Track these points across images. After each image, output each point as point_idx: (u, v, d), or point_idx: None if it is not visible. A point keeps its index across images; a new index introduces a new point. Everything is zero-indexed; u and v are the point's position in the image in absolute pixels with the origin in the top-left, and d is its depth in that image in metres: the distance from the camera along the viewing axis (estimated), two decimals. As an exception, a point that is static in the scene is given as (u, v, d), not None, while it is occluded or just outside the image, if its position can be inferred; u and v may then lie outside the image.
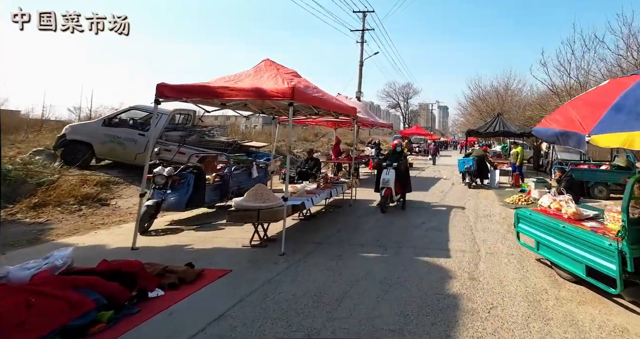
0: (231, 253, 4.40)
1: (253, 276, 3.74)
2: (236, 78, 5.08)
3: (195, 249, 4.47)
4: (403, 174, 7.23)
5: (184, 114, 8.77)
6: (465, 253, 4.79)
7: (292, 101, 4.73)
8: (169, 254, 4.23)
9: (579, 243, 3.69)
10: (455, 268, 4.23)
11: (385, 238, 5.36)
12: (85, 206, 5.97)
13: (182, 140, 7.24)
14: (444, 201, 8.71)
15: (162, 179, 5.09)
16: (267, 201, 4.75)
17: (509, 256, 4.71)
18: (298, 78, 5.98)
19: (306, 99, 5.16)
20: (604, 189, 8.89)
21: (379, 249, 4.87)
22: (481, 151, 11.87)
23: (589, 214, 4.22)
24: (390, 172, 6.80)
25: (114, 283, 2.68)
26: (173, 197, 5.28)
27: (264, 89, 4.71)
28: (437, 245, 5.13)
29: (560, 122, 3.28)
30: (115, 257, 3.91)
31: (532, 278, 4.00)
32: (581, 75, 17.32)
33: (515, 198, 8.50)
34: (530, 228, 4.49)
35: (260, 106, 6.04)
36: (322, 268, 4.06)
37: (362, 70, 19.79)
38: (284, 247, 4.45)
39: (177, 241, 4.75)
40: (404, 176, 7.27)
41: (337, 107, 6.52)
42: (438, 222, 6.52)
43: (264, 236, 4.83)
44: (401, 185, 7.25)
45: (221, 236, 5.04)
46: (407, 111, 61.36)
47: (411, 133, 29.27)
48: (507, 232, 5.93)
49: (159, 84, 4.48)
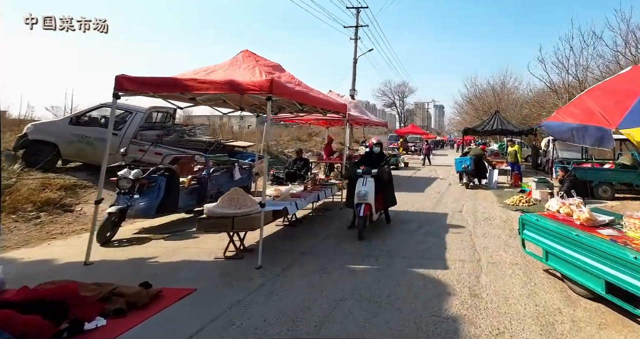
0: (201, 267, 3.88)
1: (221, 296, 3.22)
2: (209, 70, 4.56)
3: (159, 263, 3.93)
4: (385, 184, 5.54)
5: (163, 112, 8.21)
6: (465, 263, 4.31)
7: (270, 94, 4.21)
8: (128, 270, 3.69)
9: (597, 255, 3.20)
10: (454, 282, 3.74)
11: (375, 246, 4.86)
12: (45, 213, 5.39)
13: (159, 139, 6.69)
14: (441, 202, 8.24)
15: (127, 183, 4.54)
16: (244, 206, 4.23)
17: (514, 267, 4.23)
18: (280, 72, 5.47)
19: (287, 93, 4.64)
20: (608, 189, 8.47)
21: (368, 259, 4.37)
22: (479, 149, 11.43)
23: (604, 220, 3.74)
24: (368, 182, 5.13)
25: (34, 316, 2.15)
26: (142, 203, 4.74)
27: (239, 81, 4.19)
28: (433, 254, 4.64)
29: (576, 116, 2.80)
30: (64, 273, 3.39)
31: (541, 294, 3.51)
32: (580, 72, 16.99)
33: (515, 199, 8.05)
34: (537, 236, 4.00)
35: (239, 101, 5.51)
36: (303, 284, 3.55)
37: (356, 68, 19.30)
38: (261, 259, 3.94)
39: (141, 253, 4.21)
40: (386, 186, 5.57)
41: (324, 104, 6.01)
42: (434, 226, 6.04)
43: (240, 246, 4.31)
44: (383, 197, 5.54)
45: (193, 246, 4.51)
46: (403, 109, 61.03)
47: (407, 132, 28.85)
48: (509, 237, 5.46)
49: (119, 76, 3.94)
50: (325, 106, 6.33)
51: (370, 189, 5.09)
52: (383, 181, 5.44)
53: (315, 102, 5.80)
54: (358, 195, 5.05)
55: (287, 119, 9.29)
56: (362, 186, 5.10)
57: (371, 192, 5.08)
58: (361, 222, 5.04)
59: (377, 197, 5.26)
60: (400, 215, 6.82)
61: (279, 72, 5.37)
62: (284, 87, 4.59)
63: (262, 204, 4.05)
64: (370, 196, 5.05)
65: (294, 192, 5.61)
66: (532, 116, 20.10)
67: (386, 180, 5.57)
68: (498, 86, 29.34)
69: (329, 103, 6.39)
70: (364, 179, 5.17)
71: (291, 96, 4.83)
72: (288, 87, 4.78)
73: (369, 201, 5.03)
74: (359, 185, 5.13)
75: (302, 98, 5.15)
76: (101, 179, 3.99)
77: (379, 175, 5.28)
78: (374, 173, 5.24)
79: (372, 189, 5.11)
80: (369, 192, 5.05)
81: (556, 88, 17.78)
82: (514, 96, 28.28)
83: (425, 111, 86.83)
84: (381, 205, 5.60)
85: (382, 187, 5.45)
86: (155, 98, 4.59)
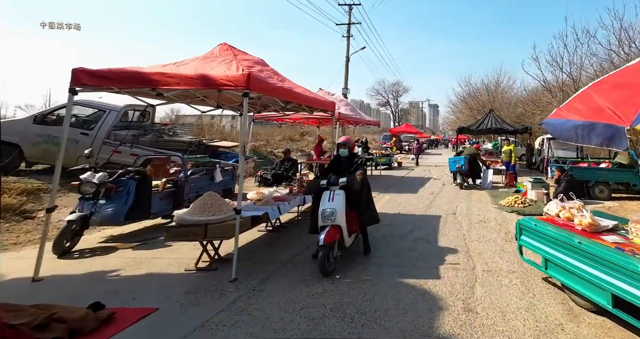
0: (168, 281, 3.50)
1: (186, 316, 2.86)
2: (180, 63, 4.18)
3: (121, 277, 3.55)
4: (359, 196, 4.21)
5: (140, 111, 7.77)
6: (459, 272, 3.99)
7: (247, 90, 3.87)
8: (82, 286, 3.31)
9: (602, 265, 2.90)
10: (446, 294, 3.42)
11: (362, 252, 4.53)
12: (2, 221, 4.96)
13: (134, 140, 6.28)
14: (434, 204, 7.95)
15: (91, 188, 4.15)
16: (218, 213, 3.87)
17: (510, 275, 3.93)
18: (262, 66, 5.11)
19: (267, 89, 4.29)
20: (605, 189, 8.24)
21: (355, 268, 4.04)
22: (473, 149, 11.16)
23: (607, 225, 3.45)
24: (335, 196, 3.91)
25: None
26: (108, 209, 4.36)
27: (212, 76, 3.82)
28: (425, 261, 4.32)
29: (581, 112, 2.49)
30: (5, 292, 2.99)
31: (541, 307, 3.21)
32: (574, 70, 16.88)
33: (510, 200, 7.78)
34: (535, 242, 3.70)
35: (217, 98, 5.14)
36: (281, 300, 3.20)
37: (348, 66, 18.99)
38: (235, 271, 3.58)
39: (103, 265, 3.82)
40: (360, 199, 4.24)
41: (309, 101, 5.66)
42: (427, 230, 5.73)
43: (215, 256, 3.95)
44: (358, 215, 4.25)
45: (163, 256, 4.13)
46: (397, 109, 60.96)
47: (401, 131, 28.63)
48: (504, 241, 5.17)
49: (76, 70, 3.55)
50: (312, 104, 5.99)
51: (338, 205, 3.85)
52: (356, 193, 4.14)
53: (300, 100, 5.45)
54: (322, 215, 3.79)
55: (274, 118, 8.92)
56: (328, 202, 3.86)
57: (340, 210, 3.83)
58: (324, 254, 3.63)
59: (349, 216, 4.06)
60: (391, 218, 6.51)
61: (260, 67, 5.02)
62: (263, 82, 4.24)
63: (237, 210, 3.69)
64: (339, 215, 3.81)
65: (278, 195, 5.27)
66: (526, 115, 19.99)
67: (360, 191, 4.20)
68: (492, 85, 29.28)
69: (316, 100, 6.04)
70: (329, 193, 3.96)
71: (272, 92, 4.48)
72: (268, 82, 4.43)
73: (337, 221, 3.79)
74: (323, 201, 3.90)
75: (285, 94, 4.80)
76: (54, 184, 3.58)
77: (349, 185, 4.03)
78: (343, 183, 4.02)
79: (342, 205, 3.89)
80: (336, 210, 3.79)
81: (550, 87, 17.64)
82: (508, 95, 28.23)
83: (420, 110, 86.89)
84: (355, 225, 4.24)
85: (356, 200, 4.18)
86: (122, 94, 4.20)
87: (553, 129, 2.68)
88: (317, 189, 4.17)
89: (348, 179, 4.04)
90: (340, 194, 3.98)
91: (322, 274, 3.68)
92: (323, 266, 3.66)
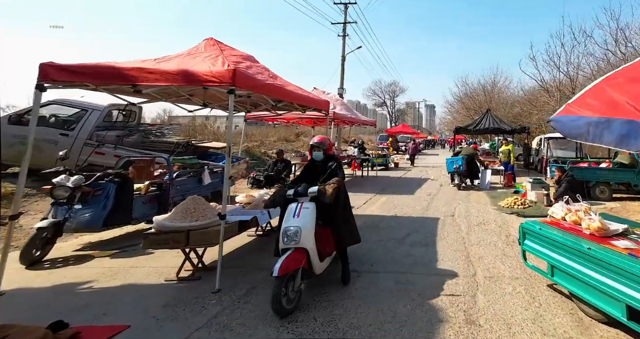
0: (146, 293, 3.23)
1: (160, 334, 2.59)
2: (161, 60, 3.92)
3: (94, 289, 3.26)
4: (334, 209, 3.41)
5: (126, 110, 7.47)
6: (459, 279, 3.76)
7: (232, 87, 3.61)
8: (49, 301, 3.02)
9: (614, 273, 2.68)
10: (446, 304, 3.19)
11: (359, 259, 4.29)
12: (-28, 227, 4.67)
13: (119, 140, 5.99)
14: (432, 206, 7.72)
15: (64, 192, 3.87)
16: (202, 218, 3.61)
17: (514, 282, 3.70)
18: (251, 62, 4.86)
19: (255, 85, 4.04)
20: (605, 190, 8.05)
21: (351, 276, 3.78)
22: (471, 149, 10.97)
23: (617, 229, 3.23)
24: (304, 210, 3.16)
25: None
26: (85, 214, 4.08)
27: (194, 71, 3.57)
28: (423, 267, 4.08)
29: (595, 107, 2.26)
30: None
31: (548, 318, 2.97)
32: (571, 70, 16.80)
33: (510, 201, 7.57)
34: (540, 247, 3.48)
35: (203, 96, 4.87)
36: (267, 313, 2.93)
37: (344, 65, 18.75)
38: (219, 281, 3.31)
39: (75, 276, 3.53)
40: (336, 212, 3.45)
41: (302, 99, 5.42)
42: (424, 234, 5.49)
43: (198, 265, 3.68)
44: (334, 233, 3.42)
45: (143, 264, 3.85)
46: (394, 109, 60.89)
47: (397, 132, 28.47)
48: (506, 245, 4.95)
49: (43, 64, 3.27)
50: (305, 103, 5.74)
51: (305, 221, 3.06)
52: (330, 205, 3.30)
53: (292, 98, 5.20)
54: (284, 234, 3.01)
55: (267, 118, 8.66)
56: (293, 217, 3.10)
57: (307, 227, 3.05)
58: (277, 287, 2.75)
59: (321, 234, 3.26)
60: (387, 221, 6.27)
61: (249, 63, 4.76)
62: (251, 78, 3.98)
63: (221, 216, 3.43)
64: (307, 235, 3.02)
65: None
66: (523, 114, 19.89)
67: (336, 203, 3.36)
68: (489, 84, 29.23)
69: (309, 99, 5.79)
70: (296, 206, 3.19)
71: (260, 90, 4.22)
72: (257, 79, 4.17)
73: (303, 243, 2.98)
74: (287, 217, 3.16)
75: (274, 92, 4.55)
76: (19, 188, 3.28)
77: (321, 196, 3.17)
78: (313, 193, 3.20)
79: (310, 221, 3.11)
80: (302, 228, 3.00)
81: (548, 86, 17.54)
82: (505, 95, 28.18)
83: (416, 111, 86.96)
84: (330, 246, 3.38)
85: (331, 215, 3.38)
86: (100, 92, 3.93)
87: (562, 126, 2.45)
88: (282, 201, 3.33)
89: (320, 189, 3.20)
90: (310, 208, 3.17)
91: (276, 314, 2.77)
92: (277, 303, 2.72)
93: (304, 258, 3.01)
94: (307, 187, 3.30)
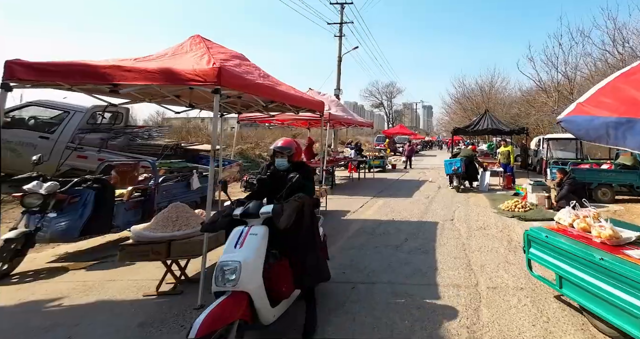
0: (121, 310, 2.97)
1: (133, 359, 2.33)
2: (142, 59, 3.67)
3: (64, 307, 2.99)
4: (294, 236, 2.62)
5: (111, 112, 7.20)
6: (460, 290, 3.53)
7: (218, 86, 3.37)
8: (12, 320, 2.75)
9: (629, 286, 2.45)
10: (448, 318, 2.95)
11: (354, 268, 4.05)
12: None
13: (103, 144, 5.71)
14: (430, 209, 7.49)
15: (37, 199, 3.60)
16: (185, 227, 3.36)
17: (518, 292, 3.47)
18: (241, 61, 4.62)
19: (243, 85, 3.80)
20: (608, 192, 7.86)
21: (344, 287, 3.55)
22: (470, 150, 10.77)
23: (630, 237, 3.00)
24: (250, 238, 2.37)
25: None
26: (61, 223, 3.81)
27: (176, 69, 3.32)
28: (422, 277, 3.85)
29: (612, 107, 2.04)
30: None
31: (559, 335, 2.75)
32: (569, 70, 16.72)
33: (510, 204, 7.35)
34: (547, 256, 3.25)
35: (189, 97, 4.62)
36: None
37: (340, 66, 18.53)
38: (202, 296, 3.05)
39: (45, 291, 3.25)
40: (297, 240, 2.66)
41: (294, 100, 5.18)
42: (423, 239, 5.26)
43: (181, 277, 3.42)
44: (294, 268, 2.63)
45: (120, 277, 3.58)
46: (391, 110, 60.86)
47: (395, 133, 28.28)
48: (508, 251, 4.73)
49: (9, 61, 3.02)
50: (297, 103, 5.50)
51: (249, 253, 2.27)
52: (288, 233, 2.51)
53: (284, 98, 4.96)
54: (217, 272, 2.21)
55: (260, 119, 8.42)
56: (235, 247, 2.32)
57: (252, 263, 2.25)
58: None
59: (276, 269, 2.48)
60: (384, 225, 6.04)
61: (239, 61, 4.52)
62: (238, 77, 3.74)
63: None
64: (250, 273, 2.23)
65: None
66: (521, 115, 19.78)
67: (297, 227, 2.56)
68: (486, 85, 29.16)
69: (302, 99, 5.56)
70: (241, 232, 2.40)
71: (248, 89, 3.98)
72: (244, 78, 3.93)
73: (242, 285, 2.19)
74: (227, 246, 2.37)
75: (264, 92, 4.30)
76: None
77: (277, 218, 2.40)
78: (266, 214, 2.43)
79: (257, 253, 2.32)
80: (242, 263, 2.19)
81: (546, 87, 17.43)
82: (502, 96, 28.13)
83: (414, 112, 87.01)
84: (288, 284, 2.54)
85: (289, 243, 2.61)
86: (75, 92, 3.67)
87: (576, 127, 2.23)
88: (225, 223, 2.51)
89: (276, 208, 2.42)
90: (259, 234, 2.37)
91: None
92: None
93: (243, 306, 2.14)
94: (259, 205, 2.50)
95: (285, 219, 2.41)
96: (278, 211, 2.44)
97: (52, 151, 5.72)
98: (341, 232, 5.61)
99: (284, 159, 3.02)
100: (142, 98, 4.39)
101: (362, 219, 6.56)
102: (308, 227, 2.74)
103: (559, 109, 15.79)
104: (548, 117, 17.27)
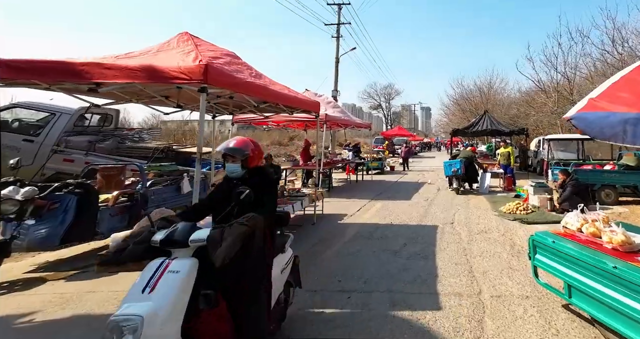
0: (98, 324, 2.73)
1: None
2: (124, 56, 3.48)
3: (35, 323, 2.76)
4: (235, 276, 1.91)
5: (100, 114, 6.99)
6: (462, 299, 3.33)
7: (204, 85, 3.19)
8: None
9: (649, 298, 2.26)
10: (450, 332, 2.76)
11: (349, 275, 3.85)
12: None
13: (91, 146, 5.50)
14: (429, 212, 7.30)
15: (12, 206, 3.38)
16: (169, 234, 3.14)
17: (524, 302, 3.27)
18: (232, 58, 4.43)
19: (231, 83, 3.61)
20: (611, 193, 7.68)
21: (339, 296, 3.35)
22: (469, 151, 10.59)
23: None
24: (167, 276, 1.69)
25: None
26: (41, 230, 3.60)
27: (159, 67, 3.14)
28: (422, 285, 3.65)
29: (630, 101, 1.86)
30: None
31: (569, 349, 2.54)
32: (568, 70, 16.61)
33: (512, 207, 7.17)
34: (554, 263, 3.06)
35: (177, 96, 4.43)
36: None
37: (338, 67, 18.40)
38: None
39: (17, 305, 3.03)
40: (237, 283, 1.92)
41: (287, 100, 4.99)
42: (422, 244, 5.06)
43: (165, 288, 3.20)
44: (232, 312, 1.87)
45: (101, 288, 3.35)
46: (389, 112, 60.78)
47: (393, 134, 28.09)
48: (511, 256, 4.53)
49: (-17, 59, 2.83)
50: (291, 103, 5.31)
51: (161, 305, 1.60)
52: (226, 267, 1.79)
53: (276, 98, 4.77)
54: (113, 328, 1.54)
55: (255, 121, 8.23)
56: (142, 292, 1.66)
57: (163, 319, 1.58)
58: None
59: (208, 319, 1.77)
60: (382, 230, 5.84)
61: (230, 59, 4.33)
62: (226, 75, 3.55)
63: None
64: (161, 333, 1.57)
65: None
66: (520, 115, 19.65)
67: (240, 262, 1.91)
68: (485, 86, 29.08)
69: (296, 100, 5.37)
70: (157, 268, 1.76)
71: (238, 88, 3.80)
72: (233, 76, 3.74)
73: None
74: (132, 289, 1.72)
75: (255, 91, 4.12)
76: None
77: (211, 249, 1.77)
78: (199, 242, 1.81)
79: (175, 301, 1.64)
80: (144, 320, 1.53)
81: (545, 87, 17.32)
82: (501, 97, 28.05)
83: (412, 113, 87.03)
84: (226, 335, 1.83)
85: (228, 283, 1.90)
86: (54, 91, 3.47)
87: (588, 125, 2.04)
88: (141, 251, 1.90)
89: (213, 236, 1.79)
90: (181, 271, 1.72)
91: None
92: None
93: None
94: (192, 228, 1.86)
95: (223, 252, 1.72)
96: (216, 238, 1.75)
97: (37, 154, 5.51)
98: (337, 237, 5.41)
99: (236, 164, 2.23)
100: (127, 98, 4.19)
101: (360, 223, 6.36)
102: (255, 262, 2.00)
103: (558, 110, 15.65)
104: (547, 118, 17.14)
